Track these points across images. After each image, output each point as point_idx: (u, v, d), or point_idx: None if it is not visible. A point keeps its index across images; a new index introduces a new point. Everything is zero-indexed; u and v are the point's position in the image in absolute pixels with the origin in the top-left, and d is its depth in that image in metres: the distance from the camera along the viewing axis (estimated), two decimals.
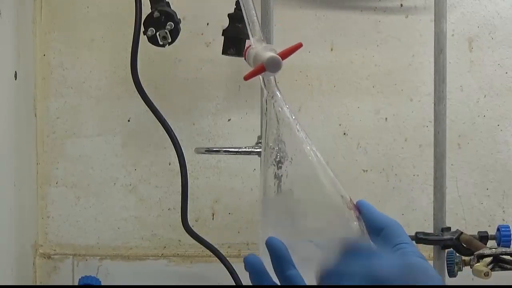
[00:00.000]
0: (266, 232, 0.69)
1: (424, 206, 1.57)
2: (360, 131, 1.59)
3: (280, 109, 0.72)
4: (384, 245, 0.67)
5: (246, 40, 0.77)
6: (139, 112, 1.57)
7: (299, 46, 0.72)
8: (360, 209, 0.69)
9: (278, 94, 0.72)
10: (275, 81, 0.72)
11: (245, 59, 0.77)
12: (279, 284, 0.63)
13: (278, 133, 0.71)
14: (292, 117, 0.72)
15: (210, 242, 1.50)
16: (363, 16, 1.58)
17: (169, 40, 1.39)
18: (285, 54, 0.70)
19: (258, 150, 1.40)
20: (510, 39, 1.58)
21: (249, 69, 0.73)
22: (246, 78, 0.71)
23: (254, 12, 0.75)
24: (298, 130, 0.72)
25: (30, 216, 1.58)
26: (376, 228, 0.68)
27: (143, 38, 1.41)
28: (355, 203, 0.70)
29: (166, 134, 1.47)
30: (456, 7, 1.57)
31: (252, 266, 0.65)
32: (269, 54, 0.70)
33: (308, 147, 0.71)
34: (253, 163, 1.54)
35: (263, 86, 0.72)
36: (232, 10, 1.43)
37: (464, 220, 1.60)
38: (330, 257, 0.62)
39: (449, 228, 1.38)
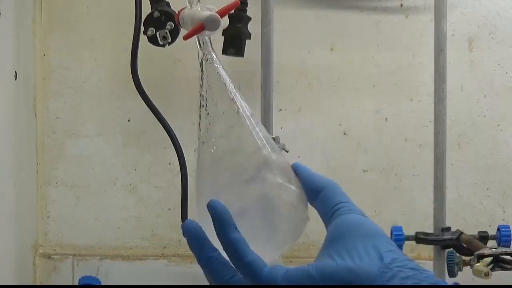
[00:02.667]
0: (201, 193, 0.68)
1: (424, 206, 1.57)
2: (360, 131, 1.59)
3: (216, 69, 0.73)
4: (323, 206, 0.66)
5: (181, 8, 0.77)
6: (139, 112, 1.57)
7: (236, 4, 0.72)
8: (296, 171, 0.68)
9: (214, 55, 0.73)
10: (210, 42, 0.72)
11: (178, 23, 0.77)
12: (221, 249, 0.62)
13: (211, 94, 0.72)
14: (227, 78, 0.73)
15: None
16: (363, 16, 1.58)
17: (169, 40, 1.39)
18: (223, 12, 0.70)
19: None
20: (510, 39, 1.58)
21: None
22: (186, 37, 0.71)
23: None
24: (231, 92, 0.73)
25: (30, 216, 1.58)
26: (314, 190, 0.67)
27: (143, 38, 1.41)
28: (291, 165, 0.69)
29: (166, 134, 1.47)
30: (456, 7, 1.57)
31: (190, 231, 0.62)
32: (207, 13, 0.71)
33: (241, 110, 0.71)
34: None
35: (198, 47, 0.72)
36: (232, 10, 1.43)
37: (464, 220, 1.60)
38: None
39: (449, 228, 1.38)
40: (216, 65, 0.73)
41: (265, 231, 0.65)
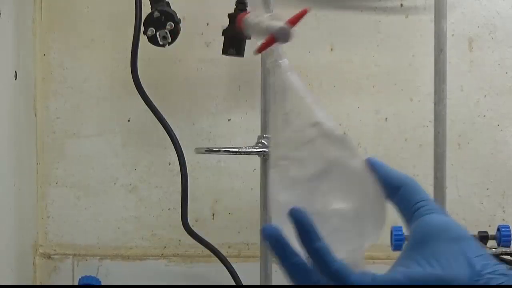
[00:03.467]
0: (277, 199, 0.67)
1: None
2: (360, 131, 1.59)
3: (285, 75, 0.71)
4: (404, 204, 0.65)
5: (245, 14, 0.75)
6: (139, 112, 1.57)
7: (305, 12, 0.71)
8: (373, 167, 0.67)
9: (283, 61, 0.71)
10: (280, 49, 0.70)
11: (239, 28, 0.76)
12: (302, 254, 0.61)
13: (285, 99, 0.70)
14: (298, 83, 0.70)
15: (210, 242, 1.50)
16: (363, 16, 1.58)
17: (169, 40, 1.40)
18: (292, 22, 0.69)
19: (258, 150, 1.39)
20: (510, 39, 1.58)
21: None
22: (259, 51, 0.69)
23: None
24: (306, 96, 0.70)
25: (30, 216, 1.58)
26: (393, 187, 0.66)
27: (143, 38, 1.41)
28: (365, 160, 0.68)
29: (166, 134, 1.47)
30: (456, 7, 1.57)
31: (271, 236, 0.61)
32: (278, 24, 0.69)
33: (320, 113, 0.69)
34: (253, 163, 1.54)
35: (266, 55, 0.70)
36: (232, 10, 1.43)
37: (464, 220, 1.59)
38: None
39: None
40: (286, 71, 0.71)
41: (345, 232, 0.64)
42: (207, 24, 1.58)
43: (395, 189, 0.66)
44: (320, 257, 0.60)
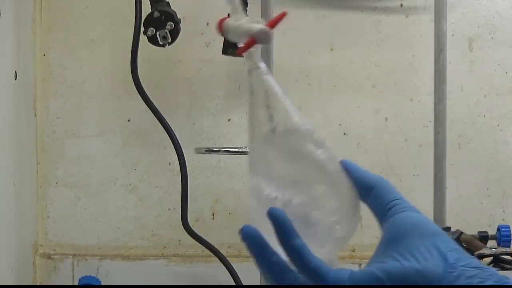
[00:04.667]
0: (255, 195, 0.68)
1: (424, 206, 1.57)
2: (360, 131, 1.59)
3: (266, 78, 0.73)
4: (377, 203, 0.66)
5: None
6: (139, 112, 1.57)
7: (283, 15, 0.73)
8: (346, 168, 0.68)
9: (261, 65, 0.72)
10: (260, 52, 0.72)
11: (220, 32, 0.77)
12: (280, 252, 0.62)
13: (265, 102, 0.72)
14: (277, 85, 0.73)
15: (210, 242, 1.50)
16: (363, 16, 1.58)
17: (169, 40, 1.40)
18: (272, 24, 0.71)
19: None
20: (510, 39, 1.58)
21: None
22: (239, 53, 0.71)
23: None
24: (283, 98, 0.72)
25: (30, 216, 1.58)
26: (366, 187, 0.67)
27: (143, 38, 1.41)
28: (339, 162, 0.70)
29: (166, 134, 1.47)
30: (456, 7, 1.57)
31: (250, 236, 0.64)
32: (258, 26, 0.71)
33: (296, 114, 0.71)
34: None
35: (246, 58, 0.72)
36: None
37: (464, 220, 1.60)
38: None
39: (449, 228, 1.38)
40: (264, 75, 0.72)
41: (321, 231, 0.65)
42: (207, 24, 1.58)
43: (368, 190, 0.67)
44: (298, 254, 0.61)
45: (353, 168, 0.69)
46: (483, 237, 1.36)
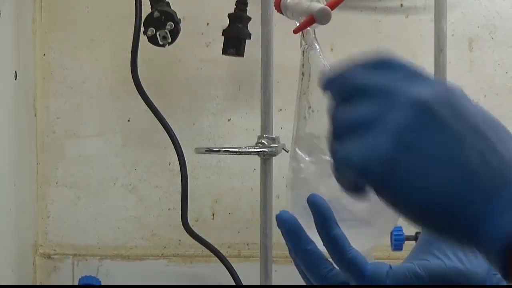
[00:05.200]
0: (297, 186, 0.67)
1: None
2: None
3: (319, 59, 0.72)
4: None
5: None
6: (139, 112, 1.57)
7: None
8: None
9: (317, 46, 0.72)
10: (314, 33, 0.71)
11: (278, 9, 0.77)
12: (317, 241, 0.61)
13: (313, 84, 0.70)
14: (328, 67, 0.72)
15: (210, 242, 1.50)
16: (363, 16, 1.58)
17: (169, 40, 1.40)
18: (332, 5, 0.70)
19: (258, 150, 1.39)
20: (510, 39, 1.58)
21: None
22: (296, 31, 0.70)
23: None
24: None
25: (30, 216, 1.58)
26: None
27: (143, 38, 1.41)
28: None
29: (166, 134, 1.47)
30: (456, 7, 1.57)
31: (286, 222, 0.61)
32: (318, 5, 0.70)
33: None
34: (253, 163, 1.54)
35: (302, 38, 0.71)
36: (232, 10, 1.43)
37: None
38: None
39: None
40: (319, 56, 0.72)
41: (361, 225, 0.64)
42: (207, 24, 1.58)
43: None
44: (337, 244, 0.59)
45: None
46: None
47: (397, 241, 1.33)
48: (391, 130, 0.50)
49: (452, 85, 0.54)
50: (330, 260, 0.61)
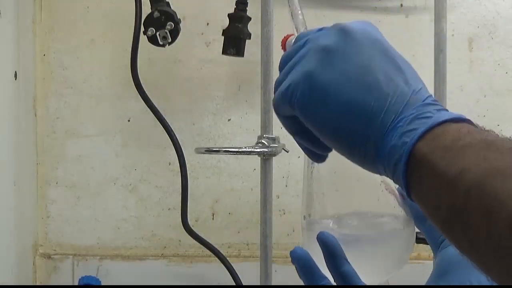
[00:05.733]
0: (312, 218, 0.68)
1: None
2: None
3: None
4: (431, 233, 0.67)
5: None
6: (139, 112, 1.57)
7: None
8: (402, 194, 0.68)
9: None
10: None
11: (283, 49, 0.79)
12: (330, 277, 0.63)
13: None
14: None
15: (210, 242, 1.50)
16: (363, 16, 1.58)
17: (169, 40, 1.40)
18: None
19: (258, 150, 1.39)
20: (510, 39, 1.58)
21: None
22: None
23: (296, 5, 0.77)
24: None
25: (30, 216, 1.58)
26: (422, 215, 0.65)
27: (143, 38, 1.41)
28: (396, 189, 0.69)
29: (166, 134, 1.47)
30: (456, 7, 1.57)
31: (300, 259, 0.64)
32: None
33: None
34: (253, 163, 1.54)
35: None
36: (232, 10, 1.43)
37: None
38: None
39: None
40: None
41: (372, 259, 0.65)
42: (207, 24, 1.58)
43: (424, 218, 0.67)
44: (346, 280, 0.62)
45: None
46: None
47: None
48: (314, 51, 0.59)
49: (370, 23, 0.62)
50: None
